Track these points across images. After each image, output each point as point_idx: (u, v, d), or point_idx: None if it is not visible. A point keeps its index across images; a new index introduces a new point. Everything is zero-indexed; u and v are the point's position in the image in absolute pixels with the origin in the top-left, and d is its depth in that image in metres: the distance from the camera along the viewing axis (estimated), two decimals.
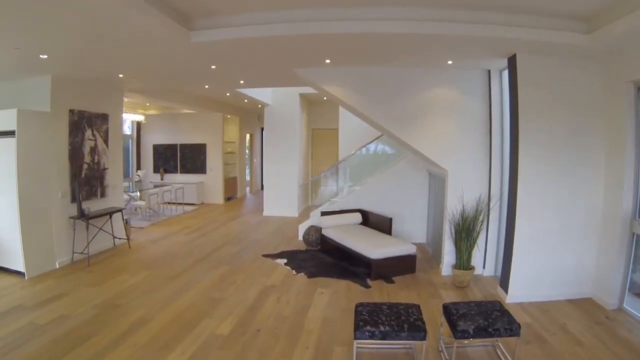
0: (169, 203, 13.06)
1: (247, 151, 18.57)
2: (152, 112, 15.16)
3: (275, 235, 9.96)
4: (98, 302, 5.68)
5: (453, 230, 6.65)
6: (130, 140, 15.24)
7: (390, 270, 6.89)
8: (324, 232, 8.49)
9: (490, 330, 3.73)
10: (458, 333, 3.73)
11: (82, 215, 7.52)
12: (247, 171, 18.98)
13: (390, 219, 8.14)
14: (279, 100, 12.76)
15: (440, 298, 5.98)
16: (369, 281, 6.68)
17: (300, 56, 6.29)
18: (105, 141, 8.50)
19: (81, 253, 7.61)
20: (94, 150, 8.16)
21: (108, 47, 5.64)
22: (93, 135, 8.12)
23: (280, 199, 12.76)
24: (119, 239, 8.77)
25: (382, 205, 9.04)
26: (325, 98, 13.22)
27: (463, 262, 6.47)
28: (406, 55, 6.26)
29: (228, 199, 15.90)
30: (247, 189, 18.77)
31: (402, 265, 7.02)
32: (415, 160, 8.90)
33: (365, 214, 8.88)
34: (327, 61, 6.50)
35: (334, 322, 5.14)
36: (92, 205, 8.06)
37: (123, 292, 6.11)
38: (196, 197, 14.87)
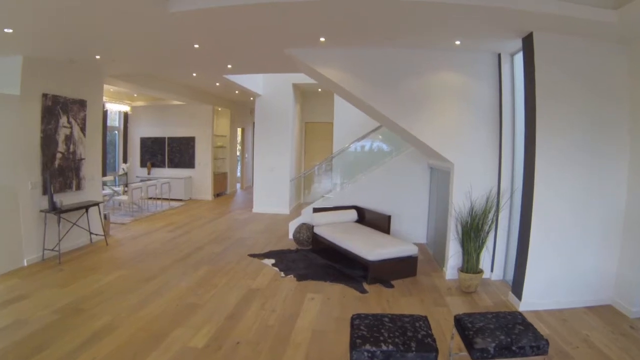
0: (154, 198, 12.38)
1: (238, 146, 17.92)
2: (139, 103, 14.51)
3: (264, 234, 9.32)
4: (61, 306, 5.04)
5: (460, 230, 6.06)
6: (116, 133, 14.56)
7: (388, 273, 6.30)
8: (316, 230, 7.88)
9: (514, 348, 3.11)
10: (476, 352, 3.10)
11: (54, 208, 6.87)
12: (239, 167, 18.32)
13: (389, 217, 7.56)
14: (271, 90, 12.14)
15: (446, 306, 5.38)
16: (365, 285, 6.07)
17: (291, 32, 5.64)
18: (83, 129, 7.85)
19: (52, 250, 6.96)
20: (69, 138, 7.52)
21: (80, 21, 5.06)
22: (69, 122, 7.48)
23: (271, 195, 12.15)
24: (96, 235, 8.11)
25: (379, 202, 8.46)
26: (319, 90, 12.88)
27: (471, 265, 5.88)
28: (409, 33, 5.63)
29: (217, 195, 15.26)
30: (238, 185, 18.11)
31: (402, 268, 6.44)
32: (416, 153, 8.37)
33: (361, 211, 8.30)
34: (322, 39, 5.86)
35: (325, 335, 4.50)
36: (66, 198, 7.41)
37: (91, 294, 5.46)
38: (184, 193, 14.21)
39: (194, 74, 9.70)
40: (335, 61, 6.44)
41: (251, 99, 13.46)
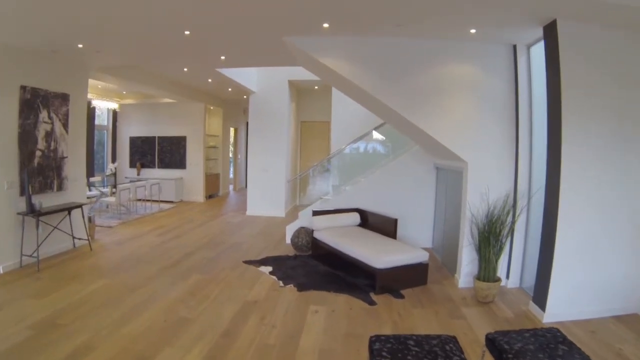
0: (143, 200, 11.81)
1: (230, 147, 17.37)
2: (128, 101, 13.93)
3: (259, 238, 8.78)
4: (36, 320, 4.48)
5: (476, 234, 5.58)
6: (105, 132, 14.00)
7: (397, 282, 5.81)
8: (316, 234, 7.37)
9: None
10: None
11: (32, 210, 6.32)
12: (231, 168, 17.77)
13: (395, 220, 7.04)
14: (265, 87, 11.62)
15: (464, 318, 4.89)
16: (372, 296, 5.56)
17: (291, 16, 5.10)
18: (65, 125, 7.29)
19: (30, 256, 6.40)
20: (50, 135, 6.96)
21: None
22: (49, 117, 6.93)
23: (266, 197, 11.61)
24: (79, 239, 7.55)
25: (380, 204, 7.94)
26: (316, 87, 12.48)
27: (489, 273, 5.39)
28: (422, 19, 5.12)
29: (209, 196, 14.71)
30: (231, 186, 17.54)
31: (412, 276, 5.95)
32: (420, 152, 7.91)
33: (363, 214, 7.79)
34: (325, 25, 5.34)
35: (334, 355, 3.98)
36: (47, 200, 6.85)
37: (70, 306, 4.90)
38: (174, 194, 13.64)
39: (185, 69, 9.18)
40: (339, 51, 5.94)
41: (244, 97, 13.01)
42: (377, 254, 5.78)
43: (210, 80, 10.73)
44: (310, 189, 11.78)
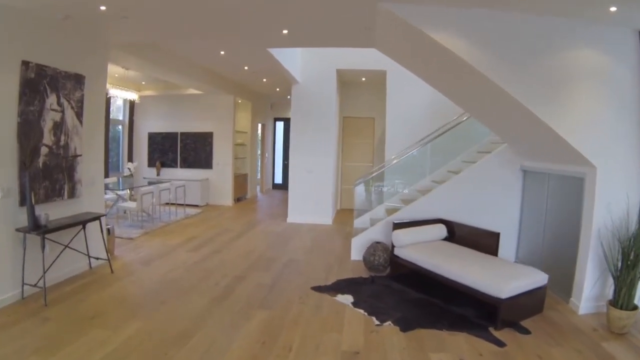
0: (168, 204, 10.35)
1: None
2: (148, 92, 12.55)
3: (317, 254, 7.23)
4: None
5: (614, 253, 4.63)
6: (120, 127, 12.57)
7: (517, 312, 4.62)
8: (398, 252, 5.92)
9: None
10: None
11: (36, 226, 4.79)
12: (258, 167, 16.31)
13: (498, 235, 5.67)
14: (310, 76, 10.08)
15: (613, 357, 3.81)
16: (493, 332, 4.28)
17: None
18: (79, 115, 5.76)
19: (35, 285, 4.88)
20: (59, 126, 5.43)
21: None
22: (59, 104, 5.40)
23: (310, 202, 10.14)
24: (97, 258, 6.01)
25: (452, 212, 6.65)
26: (363, 79, 11.23)
27: (628, 300, 4.43)
28: None
29: (237, 199, 13.25)
30: (258, 187, 16.07)
31: (530, 304, 4.75)
32: (504, 153, 6.64)
33: (448, 225, 6.40)
34: None
35: None
36: (55, 211, 5.33)
37: None
38: (200, 198, 12.18)
39: (222, 52, 7.75)
40: (453, 25, 4.65)
41: (277, 89, 12.00)
42: (497, 279, 4.49)
43: (246, 67, 9.36)
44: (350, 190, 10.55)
